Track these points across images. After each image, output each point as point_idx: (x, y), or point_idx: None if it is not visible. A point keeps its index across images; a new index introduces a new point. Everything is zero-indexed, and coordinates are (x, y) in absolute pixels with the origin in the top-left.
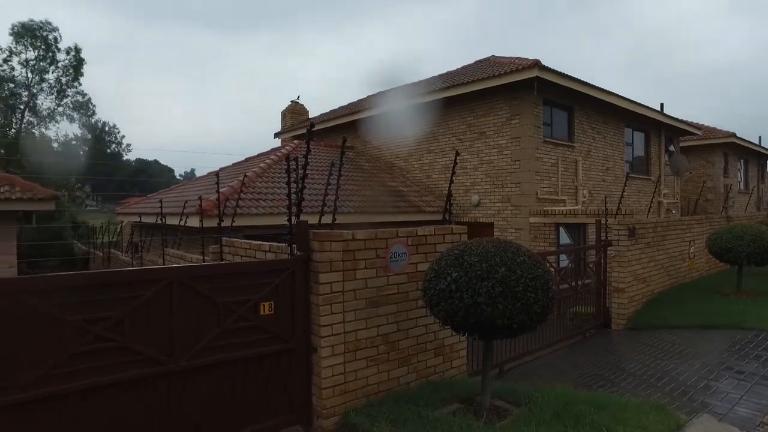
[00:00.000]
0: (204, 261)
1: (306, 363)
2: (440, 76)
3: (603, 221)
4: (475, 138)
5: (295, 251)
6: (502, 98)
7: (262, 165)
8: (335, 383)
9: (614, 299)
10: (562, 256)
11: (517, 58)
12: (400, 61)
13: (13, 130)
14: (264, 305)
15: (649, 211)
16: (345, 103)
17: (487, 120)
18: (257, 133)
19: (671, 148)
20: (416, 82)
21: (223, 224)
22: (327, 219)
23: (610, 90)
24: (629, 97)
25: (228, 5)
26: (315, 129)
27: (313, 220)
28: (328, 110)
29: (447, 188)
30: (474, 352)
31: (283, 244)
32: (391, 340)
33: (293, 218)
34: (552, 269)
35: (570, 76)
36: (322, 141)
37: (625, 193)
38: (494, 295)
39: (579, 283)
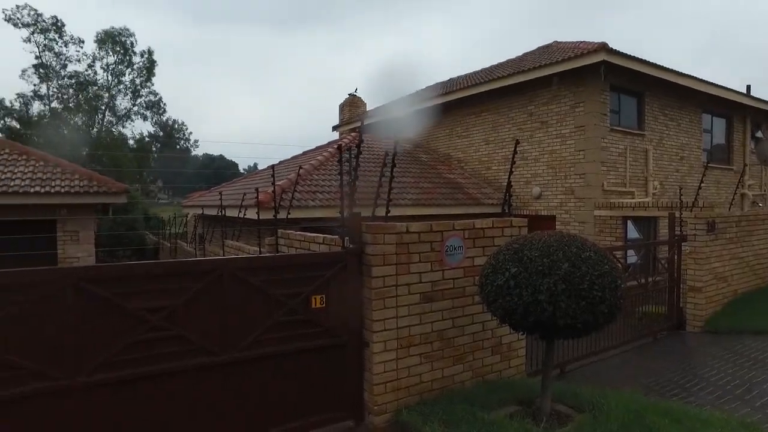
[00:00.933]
0: (260, 253)
1: (358, 358)
2: (499, 64)
3: (677, 215)
4: (537, 128)
5: (348, 244)
6: (566, 85)
7: (319, 158)
8: (387, 379)
9: (689, 299)
10: (630, 252)
11: (581, 42)
12: (456, 52)
13: (95, 130)
14: (315, 298)
15: (730, 205)
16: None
17: (550, 108)
18: (318, 127)
19: (759, 134)
20: (474, 72)
21: (279, 216)
22: (382, 211)
23: (686, 72)
24: (708, 80)
25: (287, 5)
26: (372, 121)
27: (369, 213)
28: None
29: (506, 180)
30: (534, 350)
31: (337, 237)
32: (446, 337)
33: (346, 210)
34: (619, 265)
35: (640, 59)
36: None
37: (702, 185)
38: (556, 293)
39: (649, 280)
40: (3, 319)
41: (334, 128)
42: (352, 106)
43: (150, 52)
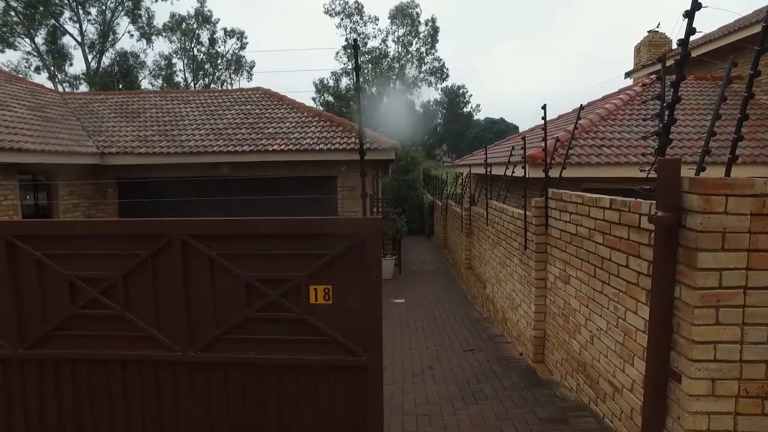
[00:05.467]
0: (525, 216)
1: (375, 386)
2: None
3: None
4: None
5: (655, 211)
6: None
7: (607, 106)
8: None
9: None
10: None
11: None
12: None
13: (385, 98)
14: (315, 290)
15: None
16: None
17: None
18: (601, 82)
19: None
20: None
21: (552, 175)
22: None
23: None
24: None
25: None
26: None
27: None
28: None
29: None
30: None
31: (634, 200)
32: None
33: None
34: None
35: None
36: (692, 74)
37: None
38: None
39: None
40: None
41: (627, 74)
42: (651, 45)
43: (433, 20)
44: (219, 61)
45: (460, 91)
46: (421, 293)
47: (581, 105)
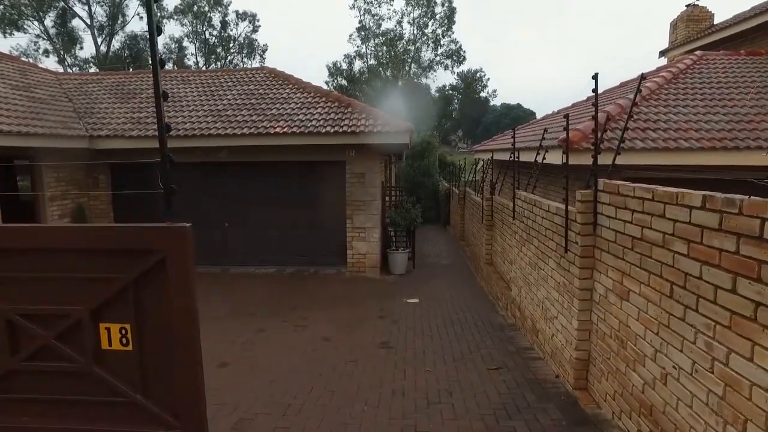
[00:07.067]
0: (567, 211)
1: None
2: None
3: None
4: None
5: None
6: None
7: (648, 85)
8: None
9: None
10: None
11: None
12: None
13: (400, 82)
14: (108, 330)
15: None
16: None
17: None
18: (624, 67)
19: None
20: None
21: (598, 161)
22: None
23: None
24: None
25: None
26: (728, 34)
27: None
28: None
29: None
30: None
31: (744, 198)
32: None
33: None
34: None
35: None
36: (741, 49)
37: None
38: None
39: None
40: None
41: (662, 53)
42: (690, 21)
43: (450, 0)
44: (231, 45)
45: (477, 75)
46: (437, 291)
47: (642, 74)
